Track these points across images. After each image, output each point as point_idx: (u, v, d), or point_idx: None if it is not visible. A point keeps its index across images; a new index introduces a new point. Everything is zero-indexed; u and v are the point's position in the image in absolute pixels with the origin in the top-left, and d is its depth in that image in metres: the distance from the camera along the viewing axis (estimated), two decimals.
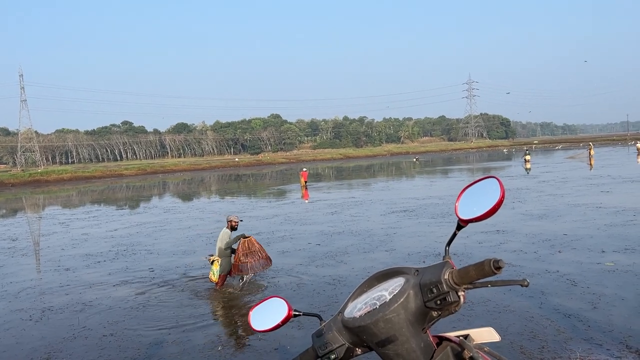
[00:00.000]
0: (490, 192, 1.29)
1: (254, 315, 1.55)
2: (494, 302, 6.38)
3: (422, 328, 1.25)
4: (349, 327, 1.29)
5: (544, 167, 34.07)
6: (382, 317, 1.22)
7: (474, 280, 1.18)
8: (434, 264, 1.30)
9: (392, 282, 1.32)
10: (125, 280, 8.79)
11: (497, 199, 1.28)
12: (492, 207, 1.27)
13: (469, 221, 1.33)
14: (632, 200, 14.55)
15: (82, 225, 16.72)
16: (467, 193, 1.37)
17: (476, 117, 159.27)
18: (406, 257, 9.22)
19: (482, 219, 1.31)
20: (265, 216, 16.15)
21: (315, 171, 52.95)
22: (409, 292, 1.23)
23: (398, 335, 1.22)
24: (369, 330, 1.24)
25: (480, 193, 1.32)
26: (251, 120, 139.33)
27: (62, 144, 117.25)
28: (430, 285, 1.22)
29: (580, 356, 4.67)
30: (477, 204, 1.30)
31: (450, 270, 1.22)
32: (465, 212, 1.33)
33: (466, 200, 1.35)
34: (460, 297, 1.20)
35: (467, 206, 1.34)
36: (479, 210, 1.29)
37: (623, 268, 7.53)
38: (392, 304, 1.23)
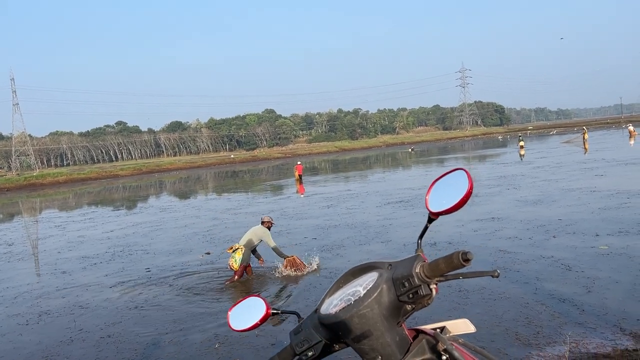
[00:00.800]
0: (459, 184, 1.29)
1: (233, 315, 1.55)
2: (489, 289, 6.40)
3: (397, 322, 1.26)
4: (325, 323, 1.29)
5: (539, 153, 34.14)
6: (356, 313, 1.23)
7: (444, 273, 1.18)
8: (406, 257, 1.30)
9: (367, 277, 1.32)
10: (122, 281, 8.79)
11: (466, 190, 1.28)
12: (461, 199, 1.27)
13: (439, 214, 1.33)
14: (625, 183, 14.60)
15: (78, 228, 16.69)
16: (437, 186, 1.37)
17: (470, 105, 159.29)
18: (402, 247, 9.25)
19: (452, 211, 1.31)
20: (262, 212, 16.12)
21: (311, 165, 52.95)
22: (382, 286, 1.23)
23: (373, 330, 1.22)
24: (344, 326, 1.24)
25: (450, 185, 1.32)
26: (245, 116, 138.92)
27: (57, 146, 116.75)
28: (402, 279, 1.23)
29: (574, 340, 4.70)
30: (446, 197, 1.30)
31: (421, 263, 1.22)
32: (435, 205, 1.33)
33: (436, 193, 1.36)
34: (432, 290, 1.20)
35: (437, 199, 1.34)
36: (449, 203, 1.29)
37: (617, 251, 7.57)
38: (365, 299, 1.23)
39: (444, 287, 6.65)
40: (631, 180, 15.01)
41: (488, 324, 5.33)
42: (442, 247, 8.95)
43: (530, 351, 4.58)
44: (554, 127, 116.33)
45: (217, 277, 8.45)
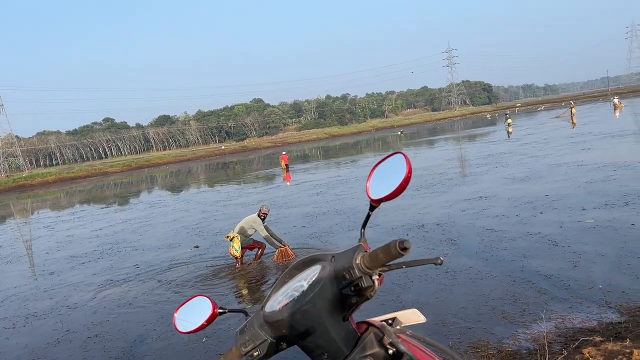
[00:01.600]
0: (398, 169, 1.23)
1: (179, 316, 1.48)
2: (476, 269, 6.39)
3: (343, 316, 1.20)
4: (269, 321, 1.23)
5: (527, 130, 34.21)
6: (298, 309, 1.17)
7: (384, 263, 1.13)
8: (348, 248, 1.24)
9: (310, 270, 1.26)
10: (110, 280, 8.71)
11: (404, 175, 1.22)
12: (400, 185, 1.20)
13: (379, 201, 1.27)
14: (611, 155, 14.65)
15: (67, 227, 16.54)
16: (376, 172, 1.31)
17: (458, 85, 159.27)
18: (390, 231, 9.22)
19: (392, 197, 1.24)
20: (251, 202, 16.06)
21: (302, 153, 52.84)
22: (324, 280, 1.17)
23: (317, 327, 1.16)
24: (287, 324, 1.19)
25: (389, 170, 1.26)
26: (234, 107, 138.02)
27: (45, 146, 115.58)
28: (343, 271, 1.17)
29: (560, 316, 4.70)
30: (386, 182, 1.24)
31: (362, 254, 1.17)
32: (375, 192, 1.27)
33: (376, 179, 1.30)
34: (374, 281, 1.14)
35: (378, 185, 1.28)
36: (389, 189, 1.23)
37: (603, 224, 7.59)
38: (307, 295, 1.17)
39: (430, 268, 6.64)
40: (617, 153, 15.06)
41: (475, 303, 5.32)
42: (430, 228, 8.94)
43: (516, 329, 4.58)
44: (542, 103, 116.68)
45: (206, 270, 8.39)
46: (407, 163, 1.23)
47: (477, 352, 4.26)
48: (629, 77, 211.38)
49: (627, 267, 5.70)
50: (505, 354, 4.16)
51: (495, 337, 4.50)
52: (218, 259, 8.99)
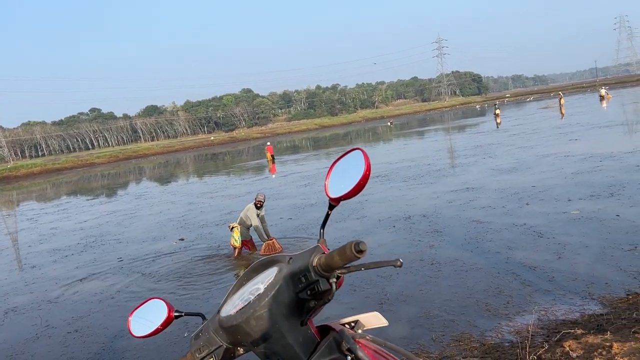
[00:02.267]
0: (357, 166, 1.16)
1: (134, 319, 1.40)
2: (462, 261, 6.37)
3: (301, 320, 1.13)
4: (224, 326, 1.15)
5: (515, 120, 34.32)
6: (252, 315, 1.09)
7: (341, 266, 1.05)
8: (306, 249, 1.17)
9: (267, 273, 1.19)
10: (93, 273, 8.59)
11: (362, 173, 1.14)
12: (358, 182, 1.13)
13: (339, 199, 1.19)
14: (598, 146, 14.72)
15: (51, 220, 16.32)
16: (335, 169, 1.24)
17: (448, 75, 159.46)
18: (377, 223, 9.18)
19: (351, 196, 1.17)
20: (238, 194, 15.95)
21: (291, 144, 52.69)
22: (280, 283, 1.10)
23: (272, 332, 1.09)
24: (242, 329, 1.11)
25: (348, 168, 1.19)
26: (222, 97, 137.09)
27: (30, 137, 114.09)
28: (299, 273, 1.09)
29: (543, 308, 4.69)
30: (345, 180, 1.17)
31: (319, 256, 1.09)
32: (334, 190, 1.20)
33: (335, 176, 1.23)
34: (332, 284, 1.07)
35: (337, 183, 1.21)
36: (347, 187, 1.16)
37: (588, 215, 7.60)
38: (262, 299, 1.10)
39: (416, 260, 6.62)
40: (603, 143, 15.13)
41: (459, 296, 5.29)
42: (417, 220, 8.91)
43: (499, 322, 4.55)
44: (531, 93, 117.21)
45: (190, 264, 8.29)
46: (365, 160, 1.15)
47: (460, 345, 4.23)
48: (617, 68, 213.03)
49: (611, 258, 5.70)
50: (487, 346, 4.13)
51: (479, 329, 4.47)
52: (203, 252, 8.89)
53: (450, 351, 4.15)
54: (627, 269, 5.32)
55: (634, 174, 9.97)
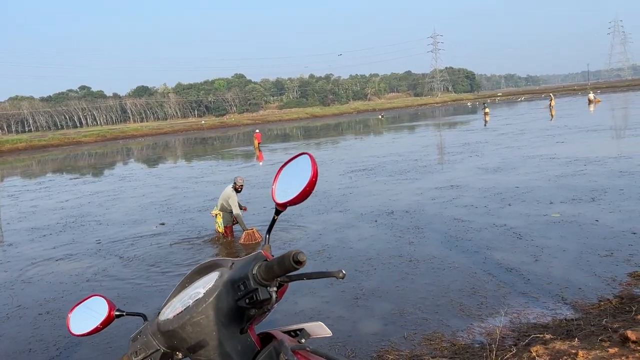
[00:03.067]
0: (304, 171, 1.12)
1: (74, 316, 1.35)
2: (440, 259, 6.38)
3: (241, 328, 1.09)
4: (161, 330, 1.11)
5: (505, 120, 34.48)
6: (189, 321, 1.05)
7: (279, 276, 1.01)
8: (249, 255, 1.12)
9: (209, 277, 1.14)
10: (70, 254, 8.48)
11: (309, 178, 1.11)
12: (304, 188, 1.10)
13: (285, 205, 1.15)
14: (584, 149, 14.83)
15: (32, 197, 16.10)
16: (283, 174, 1.20)
17: (442, 71, 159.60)
18: (359, 217, 9.16)
19: (298, 201, 1.13)
20: (223, 180, 15.83)
21: (282, 132, 52.49)
22: (219, 289, 1.05)
23: (208, 340, 1.04)
24: (178, 335, 1.07)
25: (295, 173, 1.15)
26: (214, 81, 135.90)
27: (17, 112, 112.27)
28: (239, 281, 1.05)
29: (516, 310, 4.71)
30: (292, 185, 1.13)
31: (260, 263, 1.05)
32: (281, 195, 1.16)
33: (282, 181, 1.19)
34: (271, 294, 1.03)
35: (283, 188, 1.17)
36: (293, 192, 1.12)
37: (568, 219, 7.65)
38: (200, 305, 1.05)
39: (394, 256, 6.61)
40: (589, 147, 15.25)
41: (434, 294, 5.30)
42: (399, 215, 8.91)
43: (472, 322, 4.57)
44: (523, 93, 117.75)
45: (169, 249, 8.22)
46: (312, 166, 1.11)
47: (431, 344, 4.23)
48: (609, 73, 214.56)
49: (587, 263, 5.74)
50: (458, 347, 4.14)
51: (451, 329, 4.48)
52: (183, 238, 8.82)
53: (421, 350, 4.15)
54: (602, 275, 5.36)
55: (616, 180, 10.06)
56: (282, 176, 1.19)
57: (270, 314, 1.15)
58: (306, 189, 1.08)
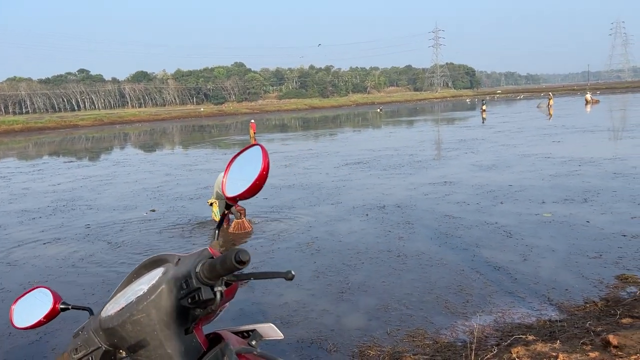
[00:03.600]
0: (255, 164, 1.07)
1: (17, 308, 1.29)
2: (428, 255, 6.34)
3: (186, 328, 1.03)
4: (103, 327, 1.05)
5: (503, 117, 34.43)
6: (129, 319, 0.99)
7: (223, 275, 0.96)
8: (195, 251, 1.07)
9: (154, 273, 1.08)
10: (58, 238, 8.41)
11: (259, 171, 1.05)
12: (254, 182, 1.04)
13: (235, 198, 1.10)
14: (580, 150, 14.80)
15: (25, 180, 15.98)
16: (234, 166, 1.14)
17: (442, 66, 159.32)
18: (350, 210, 9.11)
19: (248, 196, 1.07)
20: (218, 169, 15.74)
21: (280, 122, 52.34)
22: (162, 287, 1.00)
23: (149, 340, 0.99)
24: (118, 333, 1.01)
25: (246, 165, 1.10)
26: (214, 69, 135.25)
27: (15, 92, 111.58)
28: (182, 279, 0.99)
29: (500, 310, 4.67)
30: (242, 178, 1.08)
31: (205, 261, 0.99)
32: (231, 188, 1.11)
33: (234, 173, 1.13)
34: (216, 294, 0.97)
35: (234, 181, 1.12)
36: (244, 185, 1.06)
37: (559, 219, 7.62)
38: (141, 302, 0.99)
39: (383, 251, 6.57)
40: (585, 148, 15.23)
41: (420, 290, 5.26)
42: (390, 210, 8.86)
43: (456, 320, 4.53)
44: (522, 92, 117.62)
45: (158, 236, 8.16)
46: (263, 158, 1.06)
47: (414, 341, 4.20)
48: (609, 74, 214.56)
49: (575, 264, 5.71)
50: (440, 345, 4.10)
51: (434, 326, 4.44)
52: (172, 226, 8.76)
53: (403, 346, 4.11)
54: (589, 277, 5.33)
55: (610, 181, 10.03)
56: (233, 168, 1.13)
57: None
58: (256, 182, 1.03)
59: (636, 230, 6.80)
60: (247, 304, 5.21)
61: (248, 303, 5.24)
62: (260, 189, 1.06)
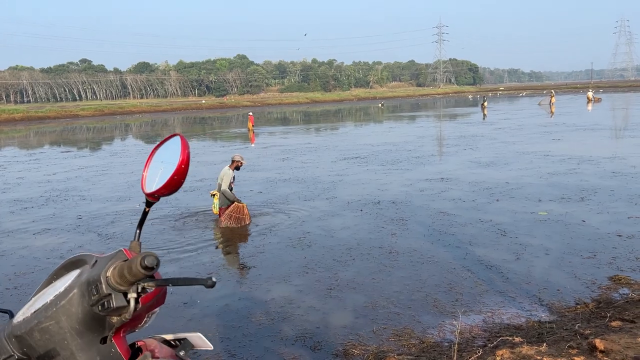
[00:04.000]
0: (174, 157, 0.97)
1: None
2: (420, 252, 6.25)
3: (103, 337, 0.93)
4: (14, 334, 0.95)
5: (504, 114, 34.24)
6: (37, 326, 0.89)
7: (132, 281, 0.86)
8: (111, 252, 0.97)
9: (70, 275, 0.99)
10: (48, 228, 8.33)
11: (177, 164, 0.95)
12: (172, 176, 0.94)
13: (154, 195, 1.00)
14: (579, 148, 14.68)
15: (20, 169, 15.90)
16: (155, 159, 1.04)
17: (445, 62, 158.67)
18: (345, 205, 9.02)
19: (167, 192, 0.97)
20: (214, 162, 15.67)
21: (281, 115, 52.18)
22: (74, 291, 0.89)
23: (60, 349, 0.89)
24: (26, 342, 0.91)
25: (167, 157, 1.00)
26: (216, 61, 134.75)
27: (17, 81, 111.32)
28: (92, 283, 0.89)
29: (490, 310, 4.59)
30: (162, 172, 0.98)
31: (117, 264, 0.89)
32: (150, 183, 1.01)
33: (154, 167, 1.03)
34: (129, 301, 0.88)
35: (153, 176, 1.02)
36: (162, 180, 0.96)
37: (555, 218, 7.52)
38: (49, 309, 0.89)
39: (375, 247, 6.48)
40: (584, 146, 15.11)
41: (410, 288, 5.17)
42: (385, 206, 8.77)
43: (444, 320, 4.44)
44: (525, 89, 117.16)
45: (150, 227, 8.07)
46: (182, 149, 0.96)
47: (400, 340, 4.11)
48: (613, 72, 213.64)
49: (568, 264, 5.62)
50: (426, 344, 4.02)
51: (422, 326, 4.36)
52: (164, 218, 8.67)
53: (388, 346, 4.03)
54: (582, 277, 5.24)
55: (608, 180, 9.92)
56: (153, 162, 1.03)
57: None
58: (174, 177, 0.92)
59: (632, 230, 6.70)
60: (234, 299, 5.13)
61: (234, 298, 5.16)
62: (180, 184, 0.96)
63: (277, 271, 5.87)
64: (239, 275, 5.91)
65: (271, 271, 5.93)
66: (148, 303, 0.93)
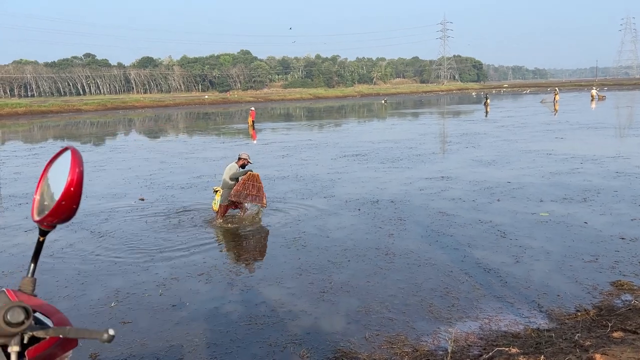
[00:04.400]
0: (63, 175, 0.82)
1: None
2: (417, 254, 6.10)
3: None
4: None
5: (507, 112, 33.99)
6: None
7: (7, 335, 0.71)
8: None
9: None
10: None
11: (65, 184, 0.80)
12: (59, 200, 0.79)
13: (43, 222, 0.84)
14: (582, 147, 14.48)
15: (18, 164, 15.79)
16: (49, 178, 0.89)
17: (449, 59, 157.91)
18: (343, 204, 8.86)
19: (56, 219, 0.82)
20: (214, 158, 15.55)
21: (284, 111, 52.00)
22: None
23: None
24: None
25: (58, 177, 0.85)
26: (220, 56, 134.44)
27: (21, 75, 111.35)
28: None
29: (487, 316, 4.43)
30: (52, 195, 0.83)
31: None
32: (42, 209, 0.86)
33: (46, 188, 0.88)
34: (9, 355, 0.73)
35: (46, 200, 0.87)
36: (51, 204, 0.81)
37: (556, 219, 7.35)
38: None
39: (371, 248, 6.33)
40: (587, 145, 14.90)
41: (405, 292, 5.02)
42: (383, 205, 8.61)
43: (439, 326, 4.29)
44: (529, 86, 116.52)
45: (144, 225, 7.94)
46: (72, 166, 0.80)
47: (392, 348, 3.96)
48: (618, 70, 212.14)
49: (569, 268, 5.46)
50: (420, 353, 3.87)
51: (416, 332, 4.21)
52: (159, 216, 8.53)
53: (380, 354, 3.88)
54: (583, 282, 5.08)
55: (611, 181, 9.74)
56: (47, 181, 0.88)
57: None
58: (61, 203, 0.77)
59: (635, 233, 6.53)
60: (224, 302, 4.99)
61: (224, 301, 5.02)
62: (72, 210, 0.81)
63: (270, 273, 5.73)
64: (230, 277, 5.77)
65: (264, 272, 5.79)
66: (41, 354, 0.78)
